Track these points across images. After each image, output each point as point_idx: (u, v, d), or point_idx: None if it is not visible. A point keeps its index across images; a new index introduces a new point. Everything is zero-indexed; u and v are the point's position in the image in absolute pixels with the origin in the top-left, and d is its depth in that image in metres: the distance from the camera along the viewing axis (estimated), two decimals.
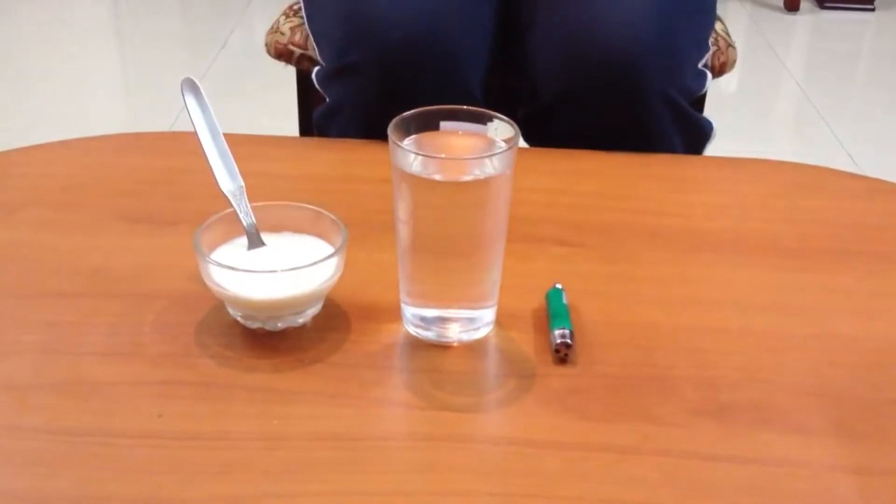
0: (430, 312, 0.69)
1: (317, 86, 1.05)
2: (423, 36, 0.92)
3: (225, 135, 0.73)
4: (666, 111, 0.96)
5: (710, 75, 1.05)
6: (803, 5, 3.29)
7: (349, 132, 0.98)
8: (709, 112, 1.10)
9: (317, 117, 1.06)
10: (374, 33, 0.93)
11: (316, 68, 1.05)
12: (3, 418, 0.61)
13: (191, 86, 0.69)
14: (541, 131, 0.99)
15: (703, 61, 1.04)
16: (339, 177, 0.91)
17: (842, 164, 2.21)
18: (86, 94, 2.54)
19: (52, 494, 0.56)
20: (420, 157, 0.64)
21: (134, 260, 0.77)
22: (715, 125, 1.07)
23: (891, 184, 0.93)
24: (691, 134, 1.02)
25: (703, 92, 1.04)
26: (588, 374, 0.66)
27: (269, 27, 1.19)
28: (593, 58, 0.92)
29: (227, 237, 0.71)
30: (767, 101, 2.70)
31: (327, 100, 1.04)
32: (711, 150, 1.08)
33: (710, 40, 1.07)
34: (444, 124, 0.67)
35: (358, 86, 0.97)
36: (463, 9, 0.96)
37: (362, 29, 0.94)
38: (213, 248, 0.69)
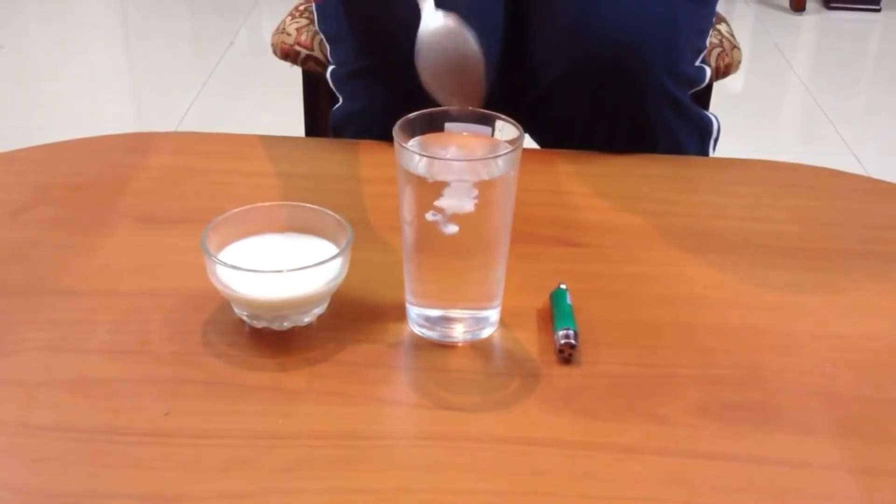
0: (435, 312, 0.69)
1: (332, 86, 1.05)
2: None
3: (232, 135, 0.74)
4: (662, 97, 0.96)
5: (708, 70, 1.05)
6: (809, 5, 3.29)
7: (369, 134, 0.98)
8: (714, 112, 1.10)
9: (335, 118, 1.06)
10: (397, 36, 0.93)
11: (330, 68, 1.05)
12: (11, 415, 0.62)
13: None
14: (538, 119, 0.99)
15: (702, 53, 1.04)
16: (345, 177, 0.91)
17: (847, 164, 2.21)
18: (93, 93, 2.55)
19: (58, 491, 0.56)
20: (425, 158, 0.64)
21: (141, 259, 0.78)
22: (719, 123, 1.07)
23: None
24: (690, 124, 1.02)
25: (703, 85, 1.04)
26: (592, 373, 0.67)
27: (275, 27, 1.20)
28: (592, 41, 0.92)
29: (234, 237, 0.71)
30: (773, 102, 2.69)
31: (341, 100, 1.04)
32: (717, 150, 1.08)
33: (710, 34, 1.07)
34: (448, 125, 0.67)
35: (380, 88, 0.97)
36: (482, 5, 0.96)
37: (385, 32, 0.94)
38: (219, 247, 0.70)
